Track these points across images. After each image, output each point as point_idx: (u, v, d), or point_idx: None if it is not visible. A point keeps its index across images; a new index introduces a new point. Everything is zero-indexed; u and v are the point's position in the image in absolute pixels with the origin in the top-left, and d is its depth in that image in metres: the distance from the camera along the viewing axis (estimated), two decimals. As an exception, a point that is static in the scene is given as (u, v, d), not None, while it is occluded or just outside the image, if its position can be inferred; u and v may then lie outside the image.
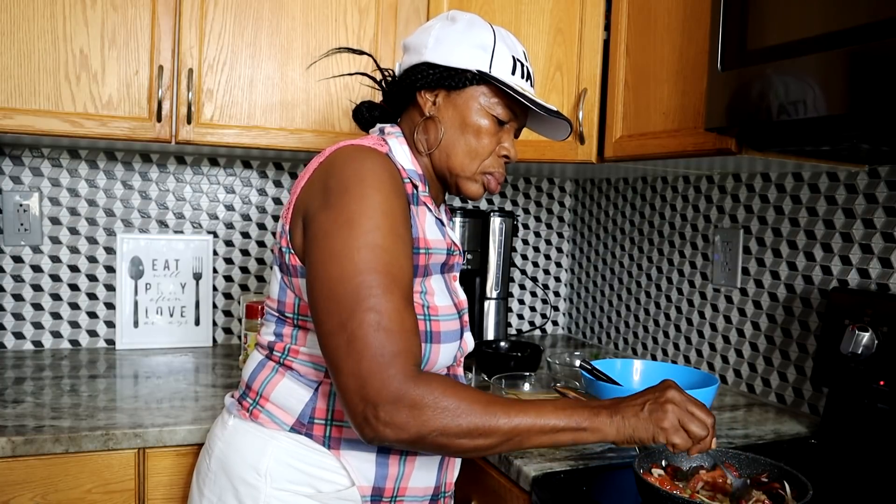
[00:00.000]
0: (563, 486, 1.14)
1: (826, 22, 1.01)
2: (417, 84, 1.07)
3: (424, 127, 1.09)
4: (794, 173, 1.63)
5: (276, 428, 1.02)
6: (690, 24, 1.40)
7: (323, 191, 0.96)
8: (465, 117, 1.07)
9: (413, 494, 1.06)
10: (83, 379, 1.63)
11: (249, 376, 1.09)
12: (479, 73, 1.06)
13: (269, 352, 1.07)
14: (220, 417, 1.13)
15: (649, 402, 0.93)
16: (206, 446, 1.12)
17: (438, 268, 1.07)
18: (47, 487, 1.27)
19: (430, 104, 1.08)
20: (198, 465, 1.13)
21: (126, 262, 1.97)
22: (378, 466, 1.02)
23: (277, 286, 1.05)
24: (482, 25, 1.09)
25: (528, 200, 2.45)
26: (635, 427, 0.91)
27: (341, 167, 0.97)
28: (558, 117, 1.09)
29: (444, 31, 1.08)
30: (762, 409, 1.62)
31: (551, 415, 0.90)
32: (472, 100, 1.07)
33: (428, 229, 1.04)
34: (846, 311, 1.38)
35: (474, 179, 1.09)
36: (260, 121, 1.68)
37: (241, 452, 1.03)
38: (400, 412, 0.86)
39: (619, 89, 1.60)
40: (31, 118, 1.51)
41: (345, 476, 1.01)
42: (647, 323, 2.10)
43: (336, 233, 0.92)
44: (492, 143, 1.08)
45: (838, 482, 1.23)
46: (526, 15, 1.70)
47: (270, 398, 1.04)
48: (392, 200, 0.95)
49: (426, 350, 1.01)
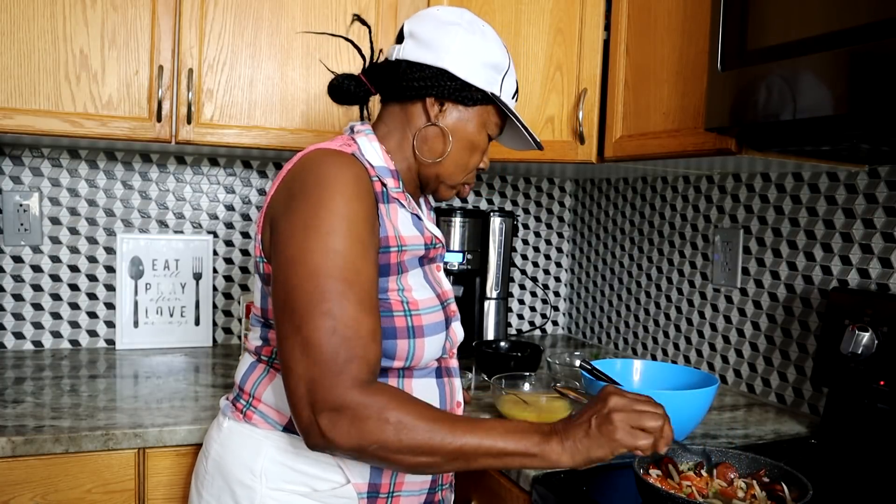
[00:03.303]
0: (563, 486, 1.14)
1: (826, 22, 1.01)
2: (434, 91, 1.05)
3: (426, 134, 1.08)
4: (794, 173, 1.63)
5: (269, 428, 1.03)
6: (690, 25, 1.40)
7: (288, 196, 0.96)
8: (468, 133, 1.09)
9: (410, 489, 1.06)
10: (83, 379, 1.63)
11: (241, 378, 1.09)
12: (492, 95, 1.08)
13: (257, 355, 1.08)
14: (216, 420, 1.13)
15: (594, 417, 0.89)
16: (203, 449, 1.13)
17: (417, 262, 1.06)
18: (47, 487, 1.27)
19: (438, 112, 1.07)
20: (196, 467, 1.14)
21: (126, 262, 1.97)
22: None
23: (259, 294, 1.07)
24: (498, 43, 1.10)
25: (528, 200, 2.45)
26: (589, 448, 0.87)
27: (305, 172, 0.96)
28: (536, 143, 1.15)
29: (467, 41, 1.05)
30: (762, 409, 1.62)
31: (499, 438, 0.87)
32: (477, 117, 1.09)
33: (401, 226, 1.03)
34: (846, 311, 1.38)
35: (454, 187, 1.14)
36: (260, 121, 1.68)
37: (236, 454, 1.04)
38: (342, 421, 0.85)
39: (619, 89, 1.60)
40: (31, 118, 1.51)
41: (340, 473, 1.01)
42: (647, 323, 2.10)
43: (294, 238, 0.92)
44: (480, 158, 1.13)
45: (838, 482, 1.23)
46: (526, 15, 1.70)
47: (263, 399, 1.04)
48: (353, 204, 0.93)
49: (410, 346, 1.01)
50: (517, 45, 1.71)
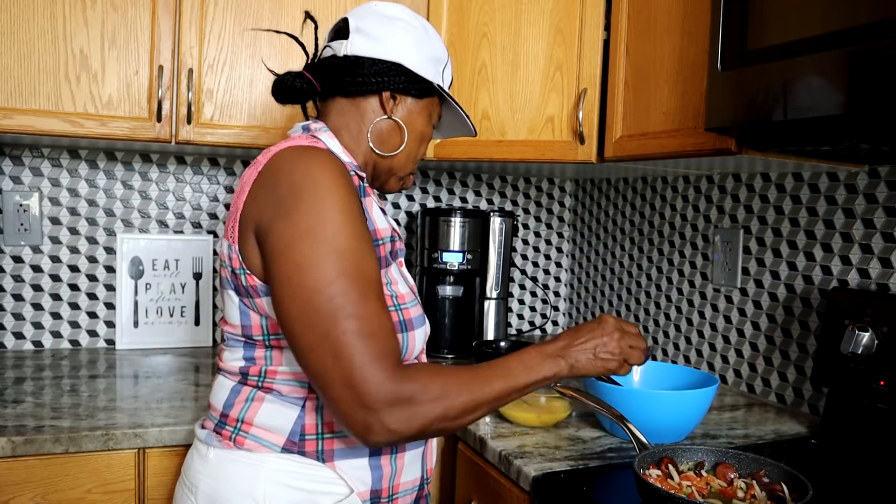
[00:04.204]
0: (563, 486, 1.14)
1: (826, 22, 1.01)
2: (390, 85, 1.06)
3: (382, 128, 1.09)
4: (794, 173, 1.63)
5: (266, 451, 0.98)
6: (690, 25, 1.40)
7: (275, 200, 0.92)
8: (419, 125, 1.12)
9: (405, 489, 1.06)
10: (83, 379, 1.63)
11: (224, 404, 1.03)
12: (439, 87, 1.12)
13: (241, 377, 1.02)
14: (195, 452, 1.05)
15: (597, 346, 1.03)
16: (186, 484, 1.04)
17: (392, 256, 1.06)
18: (47, 487, 1.27)
19: (393, 106, 1.08)
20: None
21: (126, 262, 1.97)
22: (373, 469, 1.01)
23: (237, 311, 1.00)
24: (436, 36, 1.14)
25: (528, 200, 2.45)
26: (588, 370, 1.02)
27: (289, 172, 0.93)
28: (473, 129, 1.21)
29: (414, 35, 1.08)
30: (762, 409, 1.62)
31: (522, 375, 0.97)
32: (425, 109, 1.13)
33: (377, 219, 1.03)
34: (846, 311, 1.38)
35: (402, 179, 1.16)
36: (260, 120, 1.68)
37: (231, 483, 0.98)
38: (401, 411, 0.86)
39: (619, 89, 1.60)
40: (31, 118, 1.51)
41: (343, 485, 0.99)
42: (647, 323, 2.10)
43: (299, 243, 0.89)
44: (426, 149, 1.17)
45: (838, 482, 1.23)
46: (526, 15, 1.70)
47: (255, 423, 0.99)
48: (347, 198, 0.92)
49: (404, 340, 1.01)
50: (517, 45, 1.71)
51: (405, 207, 2.29)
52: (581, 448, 1.32)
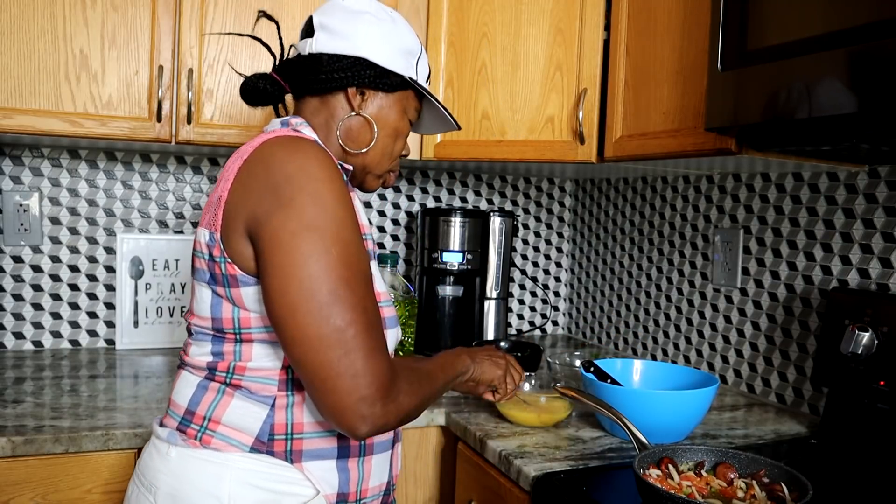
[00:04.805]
0: (563, 486, 1.14)
1: (826, 22, 1.01)
2: (355, 81, 1.05)
3: (350, 124, 1.07)
4: (794, 173, 1.63)
5: (233, 450, 0.96)
6: (690, 25, 1.40)
7: (270, 190, 0.90)
8: (391, 120, 1.10)
9: (372, 494, 1.05)
10: (83, 379, 1.63)
11: (189, 402, 1.00)
12: (410, 79, 1.09)
13: (208, 372, 0.99)
14: (154, 449, 1.01)
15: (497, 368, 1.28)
16: (143, 483, 1.00)
17: (371, 253, 1.06)
18: (47, 487, 1.27)
19: (360, 101, 1.07)
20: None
21: (126, 262, 1.97)
22: (340, 472, 1.00)
23: (209, 302, 0.98)
24: (408, 27, 1.11)
25: (528, 200, 2.45)
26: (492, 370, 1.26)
27: (282, 162, 0.91)
28: (455, 123, 1.19)
29: (380, 28, 1.06)
30: (762, 409, 1.62)
31: (451, 370, 1.14)
32: (398, 104, 1.10)
33: (361, 214, 1.03)
34: (846, 311, 1.38)
35: (380, 176, 1.14)
36: (260, 120, 1.68)
37: (195, 483, 0.95)
38: (392, 402, 0.90)
39: (619, 89, 1.60)
40: (31, 118, 1.51)
41: (309, 486, 0.97)
42: (647, 323, 2.10)
43: (304, 234, 0.87)
44: (403, 145, 1.14)
45: (838, 482, 1.23)
46: (526, 15, 1.70)
47: (223, 421, 0.97)
48: (344, 191, 0.92)
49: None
50: (517, 45, 1.71)
51: (405, 207, 2.29)
52: (581, 448, 1.32)
